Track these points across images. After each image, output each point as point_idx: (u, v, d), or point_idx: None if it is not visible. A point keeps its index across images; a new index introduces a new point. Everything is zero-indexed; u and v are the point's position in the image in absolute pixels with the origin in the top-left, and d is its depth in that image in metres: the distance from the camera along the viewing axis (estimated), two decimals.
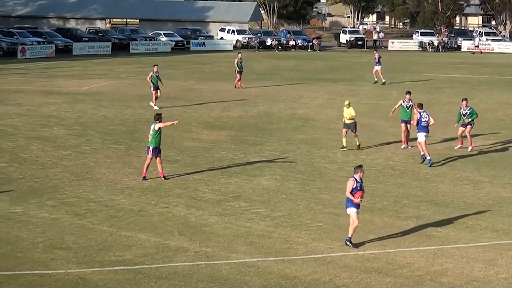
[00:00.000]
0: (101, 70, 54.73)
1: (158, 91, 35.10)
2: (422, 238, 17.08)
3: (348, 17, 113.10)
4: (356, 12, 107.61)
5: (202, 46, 77.52)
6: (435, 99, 40.16)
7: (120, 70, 54.33)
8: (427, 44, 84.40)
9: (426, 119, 24.32)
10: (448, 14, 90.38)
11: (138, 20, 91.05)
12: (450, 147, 27.30)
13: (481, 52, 78.90)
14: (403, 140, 27.19)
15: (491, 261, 15.74)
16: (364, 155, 25.78)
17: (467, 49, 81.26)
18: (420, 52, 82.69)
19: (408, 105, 26.70)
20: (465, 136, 26.80)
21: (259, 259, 15.62)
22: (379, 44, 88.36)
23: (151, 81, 35.00)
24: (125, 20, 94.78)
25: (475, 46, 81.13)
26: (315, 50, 79.48)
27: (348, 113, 26.44)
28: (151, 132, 21.73)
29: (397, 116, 27.55)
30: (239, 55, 44.17)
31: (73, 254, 15.66)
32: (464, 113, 26.75)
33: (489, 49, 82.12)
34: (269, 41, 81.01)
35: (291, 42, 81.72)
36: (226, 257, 15.68)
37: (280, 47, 79.99)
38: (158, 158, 21.71)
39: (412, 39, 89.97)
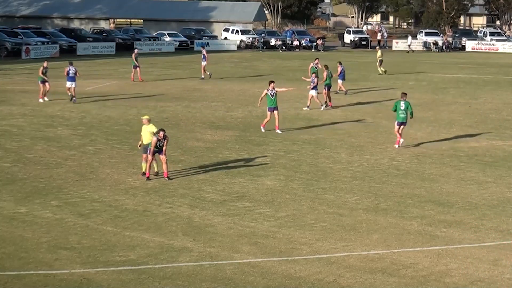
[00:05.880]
0: (105, 70, 54.78)
1: (47, 83, 37.13)
2: (426, 238, 17.06)
3: (352, 17, 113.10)
4: (360, 12, 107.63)
5: (206, 46, 77.44)
6: (440, 99, 40.13)
7: (124, 70, 54.30)
8: (431, 44, 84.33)
9: (74, 71, 35.95)
10: (452, 14, 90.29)
11: (142, 20, 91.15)
12: (454, 147, 27.25)
13: (408, 52, 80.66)
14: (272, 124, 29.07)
15: (495, 261, 15.70)
16: (369, 155, 25.77)
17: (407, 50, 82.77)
18: (424, 52, 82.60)
19: (272, 93, 28.75)
20: None
21: (263, 259, 15.61)
22: (383, 44, 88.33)
23: (41, 75, 37.07)
24: (129, 20, 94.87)
25: (408, 46, 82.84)
26: (319, 50, 79.39)
27: (150, 131, 21.75)
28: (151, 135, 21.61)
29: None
30: (136, 50, 48.09)
31: (77, 254, 15.67)
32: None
33: (493, 49, 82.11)
34: (273, 41, 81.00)
35: (295, 42, 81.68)
36: (230, 257, 15.67)
37: (284, 47, 79.94)
38: (163, 158, 21.64)
39: (417, 39, 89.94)
